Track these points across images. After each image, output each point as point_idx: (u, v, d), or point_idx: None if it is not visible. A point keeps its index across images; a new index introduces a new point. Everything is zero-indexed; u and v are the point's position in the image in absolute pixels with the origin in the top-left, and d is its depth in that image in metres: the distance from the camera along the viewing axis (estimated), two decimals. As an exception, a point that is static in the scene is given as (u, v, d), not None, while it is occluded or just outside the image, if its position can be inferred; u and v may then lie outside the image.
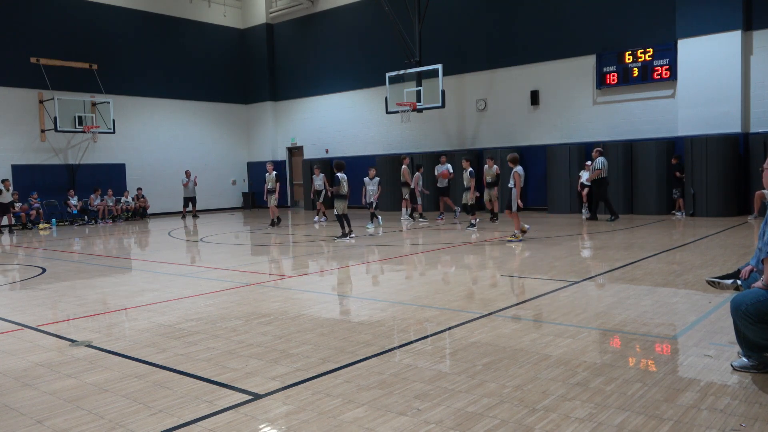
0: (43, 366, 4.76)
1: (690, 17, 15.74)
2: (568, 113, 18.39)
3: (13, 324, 6.28)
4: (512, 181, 11.32)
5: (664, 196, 16.28)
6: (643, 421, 3.31)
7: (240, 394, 3.95)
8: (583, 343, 4.83)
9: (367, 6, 22.78)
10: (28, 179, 20.51)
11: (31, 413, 3.78)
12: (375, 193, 14.94)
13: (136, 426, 3.51)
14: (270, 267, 9.97)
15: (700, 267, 8.02)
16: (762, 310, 3.75)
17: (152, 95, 24.11)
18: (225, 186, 26.63)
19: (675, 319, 5.53)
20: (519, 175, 11.30)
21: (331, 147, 24.76)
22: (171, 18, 24.72)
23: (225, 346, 5.12)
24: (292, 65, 25.98)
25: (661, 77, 16.44)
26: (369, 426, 3.39)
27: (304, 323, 5.85)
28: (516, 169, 11.32)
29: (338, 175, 12.71)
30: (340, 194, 12.77)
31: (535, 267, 8.76)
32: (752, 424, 3.24)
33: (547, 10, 18.52)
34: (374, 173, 15.12)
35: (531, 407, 3.56)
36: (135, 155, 23.51)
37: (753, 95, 15.45)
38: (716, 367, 4.15)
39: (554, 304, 6.26)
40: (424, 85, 18.60)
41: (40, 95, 20.98)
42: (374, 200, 14.99)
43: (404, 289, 7.49)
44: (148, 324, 6.06)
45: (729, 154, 15.16)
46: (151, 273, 9.68)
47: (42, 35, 20.91)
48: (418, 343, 5.01)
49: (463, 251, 10.72)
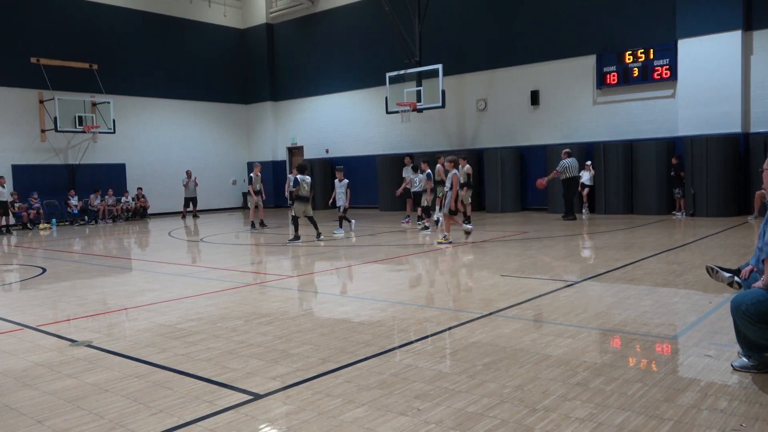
0: (43, 366, 4.76)
1: (690, 17, 15.74)
2: (569, 113, 18.39)
3: (14, 324, 6.28)
4: (449, 184, 11.45)
5: (664, 196, 16.28)
6: (644, 421, 3.31)
7: (240, 394, 3.95)
8: (583, 343, 4.83)
9: (367, 6, 22.78)
10: (28, 179, 20.51)
11: (31, 413, 3.78)
12: (343, 196, 14.12)
13: (137, 426, 3.51)
14: (270, 267, 9.97)
15: (701, 267, 8.02)
16: (762, 310, 3.75)
17: (152, 95, 24.12)
18: (225, 186, 26.63)
19: (675, 319, 5.53)
20: (458, 178, 11.49)
21: (331, 147, 24.77)
22: (171, 18, 24.73)
23: (225, 346, 5.12)
24: (292, 65, 25.99)
25: (662, 77, 16.44)
26: (369, 426, 3.39)
27: (304, 323, 5.85)
28: (454, 171, 11.50)
29: (298, 176, 12.57)
30: (300, 196, 12.59)
31: (535, 267, 8.75)
32: (752, 424, 3.24)
33: (547, 10, 18.52)
34: (342, 175, 14.30)
35: (531, 407, 3.56)
36: (135, 155, 23.51)
37: (753, 95, 15.45)
38: (716, 367, 4.15)
39: (554, 304, 6.26)
40: (424, 85, 18.61)
41: (40, 95, 20.98)
42: (346, 204, 14.12)
43: (403, 289, 7.49)
44: (148, 324, 6.06)
45: (729, 154, 15.16)
46: (151, 273, 9.68)
47: (42, 35, 20.92)
48: (418, 343, 5.01)
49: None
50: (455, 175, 11.44)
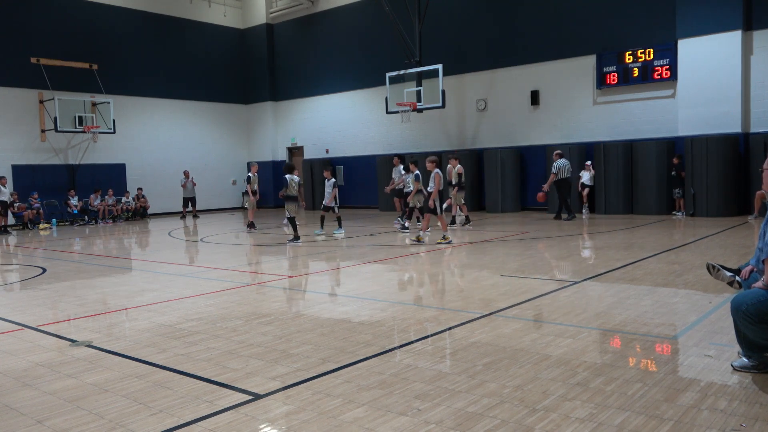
0: (43, 366, 4.76)
1: (690, 17, 15.74)
2: (569, 113, 18.39)
3: (14, 324, 6.28)
4: (432, 183, 11.63)
5: (664, 196, 16.28)
6: (644, 422, 3.31)
7: (240, 394, 3.95)
8: (583, 343, 4.83)
9: (367, 6, 22.78)
10: (28, 179, 20.51)
11: (31, 413, 3.78)
12: (328, 195, 13.81)
13: (137, 426, 3.51)
14: (270, 267, 9.97)
15: (701, 267, 8.02)
16: (762, 310, 3.75)
17: (152, 95, 24.11)
18: (225, 186, 26.63)
19: (675, 319, 5.53)
20: (440, 177, 11.65)
21: (331, 147, 24.77)
22: (171, 18, 24.73)
23: (225, 346, 5.12)
24: (292, 65, 25.99)
25: (662, 77, 16.44)
26: (369, 426, 3.39)
27: (304, 323, 5.85)
28: (437, 171, 11.66)
29: (287, 176, 12.64)
30: (289, 195, 12.69)
31: (535, 267, 8.75)
32: (752, 425, 3.24)
33: (547, 10, 18.52)
34: (330, 174, 13.98)
35: (531, 407, 3.56)
36: (135, 155, 23.51)
37: (753, 95, 15.45)
38: (716, 367, 4.15)
39: (554, 304, 6.26)
40: (424, 85, 18.61)
41: (40, 95, 20.98)
42: (328, 203, 13.80)
43: (403, 289, 7.49)
44: (148, 324, 6.06)
45: (729, 154, 15.16)
46: (151, 273, 9.68)
47: (42, 35, 20.92)
48: (418, 343, 5.01)
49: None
50: (437, 174, 11.57)
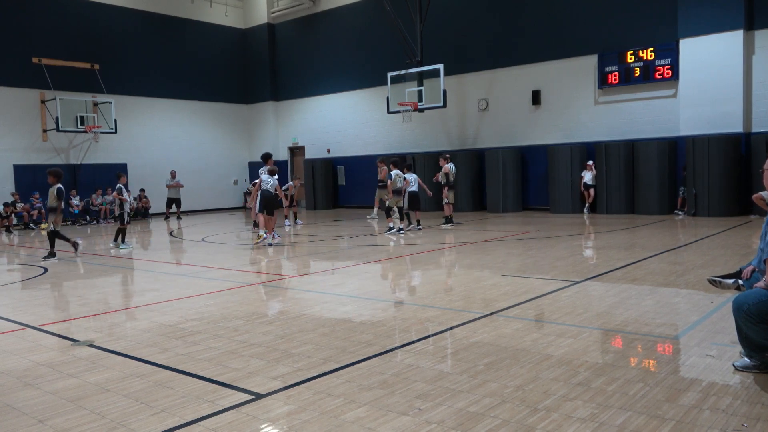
0: (44, 366, 4.76)
1: (692, 17, 15.72)
2: (570, 113, 18.38)
3: (15, 324, 6.28)
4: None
5: (665, 196, 16.27)
6: (645, 422, 3.31)
7: (241, 394, 3.95)
8: (584, 343, 4.82)
9: (368, 6, 22.78)
10: (29, 179, 20.51)
11: (32, 413, 3.78)
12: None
13: (138, 426, 3.52)
14: (271, 267, 9.97)
15: (702, 267, 8.01)
16: (764, 310, 3.75)
17: (154, 95, 24.12)
18: (226, 186, 26.64)
19: (677, 319, 5.52)
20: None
21: (332, 147, 24.78)
22: (172, 18, 24.73)
23: (226, 346, 5.12)
24: (293, 65, 25.99)
25: (663, 77, 16.41)
26: (370, 426, 3.39)
27: (305, 323, 5.85)
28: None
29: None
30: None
31: (536, 267, 8.75)
32: (754, 425, 3.23)
33: (548, 10, 18.51)
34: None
35: (532, 407, 3.56)
36: (136, 155, 23.51)
37: (755, 95, 15.43)
38: (718, 367, 4.15)
39: (556, 304, 6.26)
40: (425, 85, 18.60)
41: (41, 95, 21.00)
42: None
43: (404, 289, 7.48)
44: (149, 324, 6.07)
45: (731, 153, 15.14)
46: (152, 273, 9.69)
47: (44, 35, 20.93)
48: (419, 343, 5.01)
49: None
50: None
